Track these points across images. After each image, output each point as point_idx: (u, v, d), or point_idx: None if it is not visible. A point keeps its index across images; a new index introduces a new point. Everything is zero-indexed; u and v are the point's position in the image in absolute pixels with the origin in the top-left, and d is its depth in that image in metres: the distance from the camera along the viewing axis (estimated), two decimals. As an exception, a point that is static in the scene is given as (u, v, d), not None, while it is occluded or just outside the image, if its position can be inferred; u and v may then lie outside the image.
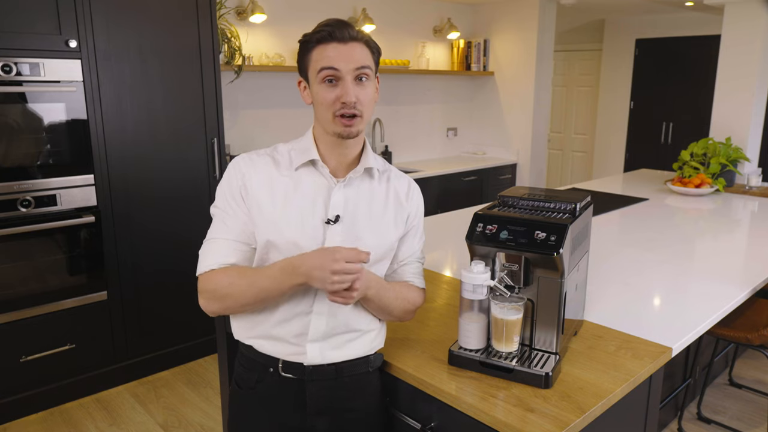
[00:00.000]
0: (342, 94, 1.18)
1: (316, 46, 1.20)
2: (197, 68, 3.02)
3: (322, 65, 1.18)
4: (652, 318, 1.67)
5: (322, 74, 1.19)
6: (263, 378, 1.31)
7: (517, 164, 5.29)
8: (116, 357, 2.98)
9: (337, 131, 1.21)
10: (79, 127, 2.69)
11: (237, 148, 3.86)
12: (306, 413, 1.29)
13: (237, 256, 1.24)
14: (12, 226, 2.56)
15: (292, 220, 1.22)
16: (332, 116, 1.20)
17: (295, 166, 1.26)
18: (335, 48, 1.18)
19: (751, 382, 3.05)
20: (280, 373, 1.28)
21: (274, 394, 1.30)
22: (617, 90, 6.49)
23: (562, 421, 1.14)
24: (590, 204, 1.48)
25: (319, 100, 1.21)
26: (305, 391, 1.28)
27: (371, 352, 1.34)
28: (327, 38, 1.18)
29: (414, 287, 1.37)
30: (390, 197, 1.33)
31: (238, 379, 1.37)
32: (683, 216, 3.03)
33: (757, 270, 2.07)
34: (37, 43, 2.51)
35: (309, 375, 1.27)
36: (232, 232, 1.24)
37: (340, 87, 1.19)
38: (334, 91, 1.19)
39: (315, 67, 1.20)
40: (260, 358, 1.30)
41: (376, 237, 1.29)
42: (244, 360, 1.35)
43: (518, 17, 5.06)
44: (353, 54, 1.19)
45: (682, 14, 5.85)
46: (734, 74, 3.98)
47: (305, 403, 1.29)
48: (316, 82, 1.21)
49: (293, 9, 4.09)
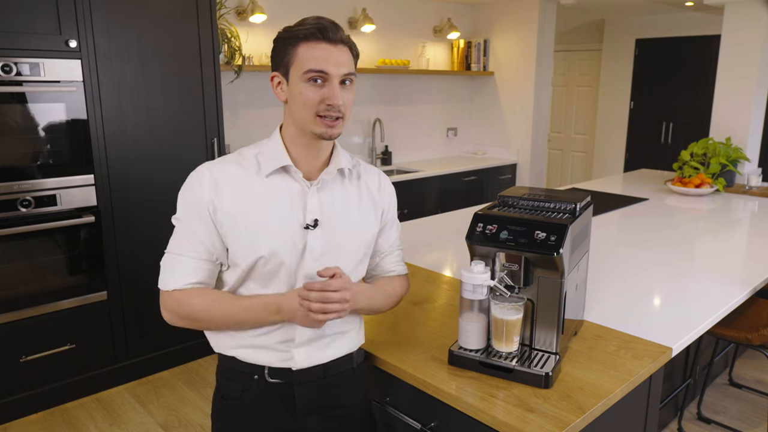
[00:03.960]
0: (329, 96, 1.14)
1: (301, 42, 1.14)
2: (197, 68, 3.02)
3: (310, 66, 1.13)
4: (652, 318, 1.67)
5: (308, 75, 1.14)
6: (249, 387, 1.27)
7: (517, 164, 5.29)
8: (116, 357, 2.98)
9: (318, 131, 1.17)
10: (79, 127, 2.69)
11: (237, 148, 3.83)
12: (296, 415, 1.28)
13: (202, 274, 1.20)
14: (12, 226, 2.56)
15: (271, 231, 1.18)
16: (314, 116, 1.16)
17: (266, 173, 1.20)
18: (325, 49, 1.14)
19: (751, 382, 3.05)
20: (267, 380, 1.26)
21: (262, 401, 1.28)
22: (617, 90, 6.49)
23: (562, 421, 1.14)
24: (590, 204, 1.48)
25: (300, 99, 1.16)
26: (294, 394, 1.27)
27: (354, 349, 1.35)
28: (316, 36, 1.13)
29: (398, 278, 1.40)
30: (363, 195, 1.31)
31: (221, 391, 1.32)
32: (683, 216, 3.03)
33: (757, 270, 2.07)
34: (37, 43, 2.51)
35: (297, 378, 1.26)
36: (195, 250, 1.19)
37: (326, 88, 1.15)
38: (319, 91, 1.15)
39: (300, 65, 1.14)
40: (244, 368, 1.27)
41: (354, 237, 1.28)
42: (225, 371, 1.30)
43: (518, 17, 5.06)
44: (342, 58, 1.15)
45: (682, 14, 5.85)
46: (734, 74, 3.98)
47: (295, 406, 1.28)
48: (299, 81, 1.15)
49: (293, 9, 4.09)
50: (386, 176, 1.40)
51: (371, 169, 1.37)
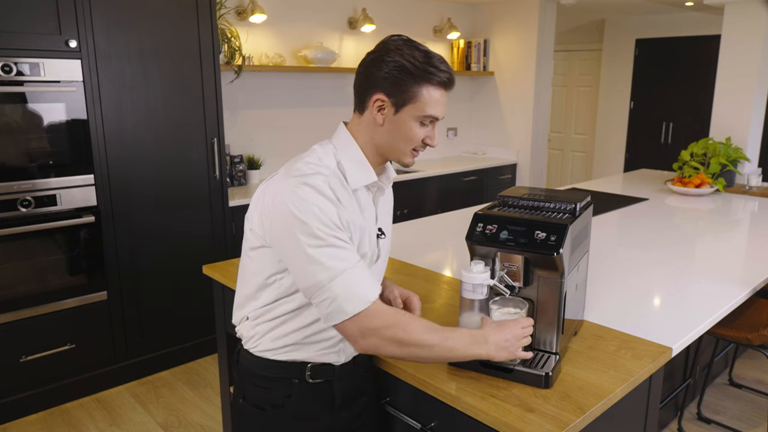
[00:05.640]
0: (431, 137, 1.23)
1: (429, 84, 1.18)
2: (197, 68, 3.02)
3: (431, 112, 1.19)
4: (652, 318, 1.67)
5: (426, 119, 1.20)
6: (290, 392, 1.26)
7: (517, 164, 5.29)
8: (116, 357, 2.98)
9: (406, 161, 1.25)
10: (79, 127, 2.69)
11: (237, 148, 3.86)
12: (334, 411, 1.32)
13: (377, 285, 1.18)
14: (12, 226, 2.56)
15: (365, 239, 1.24)
16: (410, 150, 1.23)
17: (354, 187, 1.21)
18: (444, 96, 1.21)
19: (751, 382, 3.05)
20: (308, 381, 1.26)
21: (306, 404, 1.28)
22: (617, 90, 6.49)
23: (562, 421, 1.14)
24: (590, 204, 1.48)
25: (406, 134, 1.20)
26: (333, 390, 1.30)
27: None
28: (445, 85, 1.20)
29: None
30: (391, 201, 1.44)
31: (255, 400, 1.29)
32: (683, 216, 3.03)
33: (757, 270, 2.07)
34: (37, 43, 2.51)
35: (337, 374, 1.29)
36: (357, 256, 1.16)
37: (430, 128, 1.23)
38: (424, 130, 1.22)
39: (422, 107, 1.18)
40: (282, 373, 1.26)
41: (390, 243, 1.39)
42: (258, 380, 1.28)
43: (518, 17, 5.06)
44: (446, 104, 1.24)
45: (682, 14, 5.85)
46: (734, 74, 3.98)
47: (333, 402, 1.31)
48: (411, 118, 1.19)
49: (293, 9, 4.09)
50: None
51: None
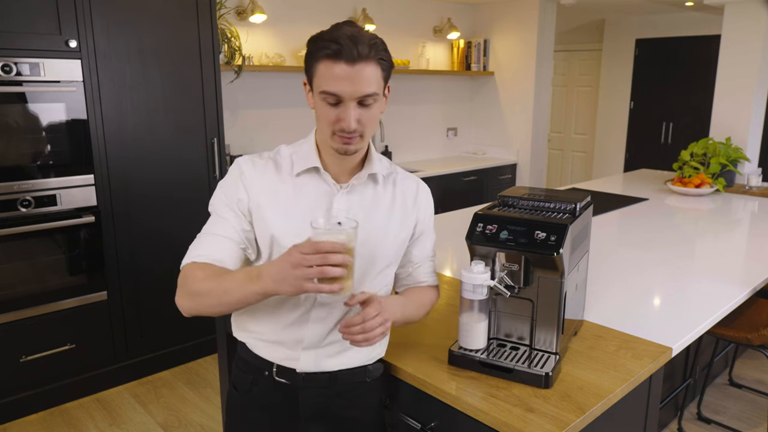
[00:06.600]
0: (342, 119, 1.12)
1: (322, 60, 1.10)
2: (197, 68, 3.02)
3: (324, 88, 1.11)
4: (652, 318, 1.67)
5: (322, 96, 1.12)
6: (258, 381, 1.30)
7: (517, 164, 5.29)
8: (116, 357, 2.98)
9: (335, 147, 1.17)
10: (79, 127, 2.69)
11: (237, 148, 3.86)
12: (300, 419, 1.29)
13: (223, 252, 1.18)
14: (12, 226, 2.56)
15: (290, 228, 1.18)
16: (331, 133, 1.15)
17: (296, 172, 1.22)
18: (342, 69, 1.08)
19: (751, 382, 3.05)
20: (274, 378, 1.27)
21: (269, 398, 1.29)
22: (617, 90, 6.49)
23: (562, 421, 1.14)
24: (590, 204, 1.48)
25: (319, 115, 1.16)
26: (298, 397, 1.27)
27: (370, 362, 1.31)
28: (334, 56, 1.08)
29: (429, 288, 1.39)
30: (396, 203, 1.29)
31: (234, 380, 1.36)
32: (683, 216, 3.03)
33: (757, 270, 2.07)
34: (37, 43, 2.51)
35: (301, 382, 1.26)
36: (222, 230, 1.20)
37: (341, 109, 1.12)
38: (335, 111, 1.13)
39: (318, 83, 1.12)
40: (256, 361, 1.29)
41: (382, 245, 1.25)
42: (240, 362, 1.34)
43: (518, 17, 5.06)
44: (360, 78, 1.09)
45: (682, 14, 5.85)
46: (734, 74, 3.97)
47: (298, 409, 1.28)
48: (318, 98, 1.14)
49: (293, 9, 4.09)
50: (426, 187, 1.37)
51: (409, 177, 1.35)
